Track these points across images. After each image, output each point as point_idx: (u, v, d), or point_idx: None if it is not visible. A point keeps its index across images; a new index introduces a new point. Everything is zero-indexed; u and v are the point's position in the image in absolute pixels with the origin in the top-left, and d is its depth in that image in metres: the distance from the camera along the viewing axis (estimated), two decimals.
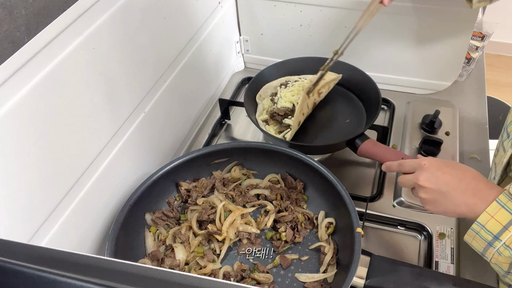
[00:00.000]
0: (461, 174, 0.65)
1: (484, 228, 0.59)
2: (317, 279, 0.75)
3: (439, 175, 0.65)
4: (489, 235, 0.59)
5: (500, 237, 0.58)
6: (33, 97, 0.57)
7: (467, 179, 0.64)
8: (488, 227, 0.59)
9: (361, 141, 0.88)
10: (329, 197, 0.83)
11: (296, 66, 1.10)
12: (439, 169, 0.66)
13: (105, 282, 0.28)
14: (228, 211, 0.82)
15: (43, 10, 0.57)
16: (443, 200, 0.65)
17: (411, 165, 0.70)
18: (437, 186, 0.65)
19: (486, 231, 0.59)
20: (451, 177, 0.65)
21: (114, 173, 0.78)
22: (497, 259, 0.60)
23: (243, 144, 0.92)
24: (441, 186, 0.65)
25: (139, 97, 0.82)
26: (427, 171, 0.66)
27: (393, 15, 1.04)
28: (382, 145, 0.86)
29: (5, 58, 0.52)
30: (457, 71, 1.12)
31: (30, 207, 0.60)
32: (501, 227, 0.58)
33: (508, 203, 0.58)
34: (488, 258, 0.61)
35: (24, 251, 0.32)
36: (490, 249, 0.60)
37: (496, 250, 0.59)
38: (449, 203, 0.64)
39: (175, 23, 0.90)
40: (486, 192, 0.62)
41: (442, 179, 0.65)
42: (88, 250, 0.75)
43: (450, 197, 0.64)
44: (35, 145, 0.59)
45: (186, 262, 0.78)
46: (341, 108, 1.06)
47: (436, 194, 0.65)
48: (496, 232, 0.58)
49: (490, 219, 0.59)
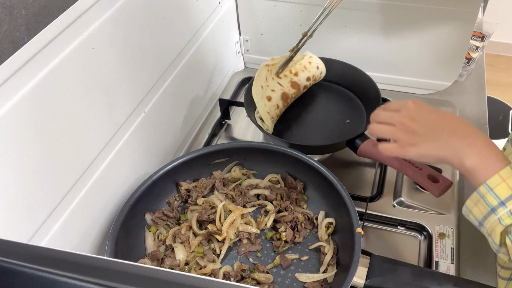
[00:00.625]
0: (449, 116, 0.62)
1: (492, 191, 0.56)
2: (317, 279, 0.75)
3: (424, 114, 0.62)
4: (495, 200, 0.55)
5: (506, 203, 0.55)
6: (33, 97, 0.57)
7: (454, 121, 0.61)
8: (496, 191, 0.55)
9: (361, 141, 0.88)
10: (329, 197, 0.83)
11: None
12: (426, 109, 0.63)
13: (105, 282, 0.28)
14: (228, 211, 0.82)
15: (43, 10, 0.57)
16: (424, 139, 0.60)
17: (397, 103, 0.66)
18: (421, 123, 0.61)
19: (494, 195, 0.56)
20: (438, 117, 0.61)
21: (114, 173, 0.78)
22: (494, 229, 0.56)
23: (243, 144, 0.92)
24: (426, 124, 0.61)
25: (139, 97, 0.82)
26: (412, 109, 0.63)
27: (393, 15, 1.04)
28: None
29: (5, 58, 0.52)
30: (457, 71, 1.12)
31: (30, 207, 0.61)
32: (510, 192, 0.55)
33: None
34: (486, 227, 0.58)
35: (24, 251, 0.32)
36: (491, 216, 0.56)
37: (498, 217, 0.55)
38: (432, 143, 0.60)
39: (175, 23, 0.90)
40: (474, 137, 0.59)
41: (428, 117, 0.61)
42: (88, 250, 0.75)
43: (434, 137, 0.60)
44: (35, 145, 0.59)
45: (186, 262, 0.78)
46: (341, 108, 1.05)
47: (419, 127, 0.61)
48: (504, 197, 0.55)
49: (501, 182, 0.55)
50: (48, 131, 0.61)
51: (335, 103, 1.07)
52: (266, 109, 0.94)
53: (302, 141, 0.98)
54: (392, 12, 1.04)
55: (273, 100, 0.96)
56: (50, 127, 0.61)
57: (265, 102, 0.95)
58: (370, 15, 1.06)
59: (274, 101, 0.96)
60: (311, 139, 0.99)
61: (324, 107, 1.07)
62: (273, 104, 0.96)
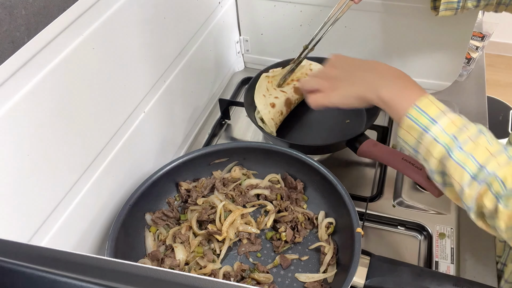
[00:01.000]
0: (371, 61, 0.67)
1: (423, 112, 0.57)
2: (317, 279, 0.75)
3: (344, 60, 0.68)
4: (426, 118, 0.57)
5: (438, 120, 0.56)
6: (33, 97, 0.57)
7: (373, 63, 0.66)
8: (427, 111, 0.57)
9: (361, 141, 0.88)
10: (329, 197, 0.83)
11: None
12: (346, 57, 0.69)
13: (105, 282, 0.28)
14: (228, 211, 0.82)
15: (43, 10, 0.57)
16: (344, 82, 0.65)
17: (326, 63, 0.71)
18: (341, 69, 0.66)
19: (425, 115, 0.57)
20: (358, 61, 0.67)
21: (114, 173, 0.78)
22: (429, 150, 0.57)
23: (243, 144, 0.92)
24: (346, 68, 0.66)
25: (139, 97, 0.82)
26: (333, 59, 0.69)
27: (393, 15, 1.04)
28: (382, 145, 0.86)
29: (5, 58, 0.52)
30: (457, 71, 1.12)
31: (30, 207, 0.61)
32: (439, 111, 0.57)
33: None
34: (421, 153, 0.59)
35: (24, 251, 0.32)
36: (425, 137, 0.57)
37: (431, 134, 0.56)
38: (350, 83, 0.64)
39: (175, 23, 0.90)
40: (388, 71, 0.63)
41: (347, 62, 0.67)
42: (88, 250, 0.75)
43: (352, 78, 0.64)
44: (35, 145, 0.59)
45: (186, 262, 0.78)
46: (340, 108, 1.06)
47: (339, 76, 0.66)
48: (434, 115, 0.57)
49: (430, 104, 0.58)
50: (48, 131, 0.61)
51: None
52: (270, 115, 0.96)
53: (302, 141, 0.98)
54: (392, 12, 1.04)
55: (277, 106, 0.97)
56: (50, 127, 0.61)
57: (269, 109, 0.96)
58: (370, 15, 1.06)
59: (278, 108, 0.97)
60: (311, 139, 0.99)
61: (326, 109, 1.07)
62: (277, 110, 0.97)
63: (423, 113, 0.57)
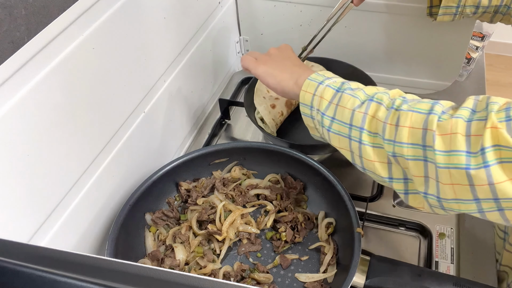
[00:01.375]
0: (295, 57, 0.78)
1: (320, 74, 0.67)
2: (317, 279, 0.75)
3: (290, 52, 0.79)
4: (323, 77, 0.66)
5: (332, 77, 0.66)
6: (33, 97, 0.57)
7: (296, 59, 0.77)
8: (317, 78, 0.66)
9: None
10: (329, 197, 0.83)
11: None
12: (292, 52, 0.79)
13: (105, 282, 0.28)
14: (228, 211, 0.82)
15: (43, 10, 0.57)
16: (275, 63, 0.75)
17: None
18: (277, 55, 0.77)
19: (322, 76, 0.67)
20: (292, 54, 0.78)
21: (114, 173, 0.78)
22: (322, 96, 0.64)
23: (243, 144, 0.92)
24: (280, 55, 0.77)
25: (139, 97, 0.82)
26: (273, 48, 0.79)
27: (393, 15, 1.04)
28: None
29: (5, 58, 0.52)
30: (457, 71, 1.12)
31: (30, 207, 0.60)
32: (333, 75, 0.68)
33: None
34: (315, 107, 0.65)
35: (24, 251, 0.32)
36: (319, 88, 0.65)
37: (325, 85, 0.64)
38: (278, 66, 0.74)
39: (175, 23, 0.90)
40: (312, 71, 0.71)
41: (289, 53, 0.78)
42: (88, 250, 0.75)
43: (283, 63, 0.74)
44: (35, 145, 0.59)
45: (186, 262, 0.78)
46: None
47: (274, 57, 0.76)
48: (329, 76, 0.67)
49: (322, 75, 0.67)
50: (48, 131, 0.61)
51: None
52: (271, 116, 0.96)
53: (302, 141, 0.98)
54: (392, 12, 1.04)
55: (278, 107, 0.98)
56: (50, 127, 0.61)
57: (270, 110, 0.97)
58: (370, 15, 1.06)
59: (278, 108, 0.98)
60: (311, 138, 0.99)
61: None
62: (277, 111, 0.98)
63: (320, 75, 0.67)
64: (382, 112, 0.57)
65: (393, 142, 0.55)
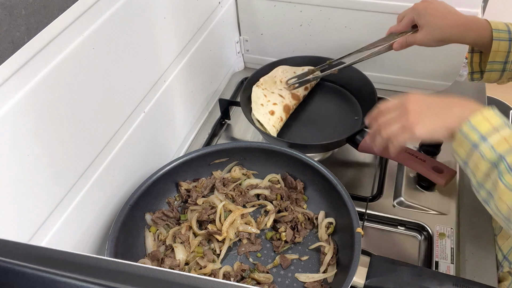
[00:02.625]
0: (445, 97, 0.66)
1: (475, 129, 0.58)
2: (317, 279, 0.75)
3: (425, 98, 0.66)
4: (477, 136, 0.58)
5: (488, 138, 0.57)
6: (33, 97, 0.57)
7: (453, 98, 0.65)
8: (479, 128, 0.58)
9: (361, 136, 0.88)
10: (329, 197, 0.83)
11: (292, 64, 1.10)
12: (424, 95, 0.67)
13: (105, 282, 0.28)
14: (228, 211, 0.82)
15: (43, 10, 0.57)
16: (430, 114, 0.64)
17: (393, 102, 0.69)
18: (424, 104, 0.65)
19: (475, 132, 0.58)
20: (437, 97, 0.66)
21: (114, 173, 0.78)
22: (477, 165, 0.58)
23: (243, 144, 0.92)
24: (428, 103, 0.65)
25: (139, 97, 0.82)
26: (413, 95, 0.67)
27: (394, 15, 1.04)
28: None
29: (5, 58, 0.52)
30: (457, 71, 1.12)
31: (30, 207, 0.61)
32: (491, 128, 0.57)
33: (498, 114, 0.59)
34: (470, 166, 0.60)
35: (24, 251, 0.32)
36: (474, 153, 0.58)
37: (479, 151, 0.57)
38: (436, 116, 0.64)
39: (175, 23, 0.90)
40: (472, 104, 0.62)
41: (429, 99, 0.66)
42: (88, 250, 0.75)
43: (437, 111, 0.64)
44: (35, 145, 0.59)
45: (186, 262, 0.78)
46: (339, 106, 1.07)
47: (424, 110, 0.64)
48: (485, 132, 0.57)
49: (483, 121, 0.58)
50: (48, 131, 0.61)
51: (332, 102, 1.09)
52: (271, 123, 0.97)
53: (301, 140, 0.98)
54: (392, 12, 1.04)
55: (277, 113, 0.99)
56: (50, 127, 0.61)
57: (269, 117, 0.98)
58: (370, 15, 1.06)
59: (277, 114, 0.99)
60: (311, 138, 0.99)
61: (322, 106, 1.08)
62: (277, 117, 0.99)
63: (474, 130, 0.58)
64: None
65: None
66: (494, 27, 0.78)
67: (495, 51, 0.79)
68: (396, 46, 0.87)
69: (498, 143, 0.56)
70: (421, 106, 0.65)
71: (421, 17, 0.82)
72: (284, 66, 1.09)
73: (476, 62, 0.87)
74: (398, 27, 0.87)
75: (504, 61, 0.80)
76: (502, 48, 0.78)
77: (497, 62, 0.80)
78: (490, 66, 0.82)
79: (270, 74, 1.08)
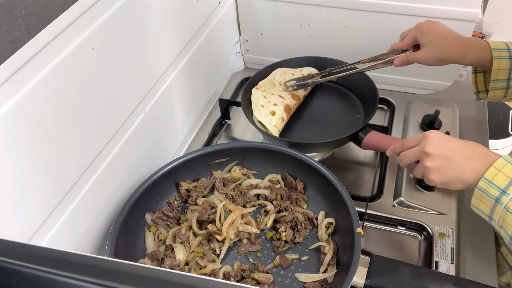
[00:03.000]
0: (464, 142, 0.66)
1: (491, 183, 0.59)
2: (317, 279, 0.75)
3: (445, 142, 0.66)
4: (496, 191, 0.58)
5: (507, 191, 0.57)
6: (33, 97, 0.57)
7: (471, 146, 0.65)
8: (495, 182, 0.59)
9: (364, 134, 0.88)
10: (329, 197, 0.83)
11: (294, 65, 1.10)
12: (444, 137, 0.67)
13: (105, 282, 0.28)
14: (228, 211, 0.82)
15: (43, 10, 0.57)
16: (449, 166, 0.65)
17: (416, 137, 0.71)
18: (443, 152, 0.65)
19: (494, 186, 0.59)
20: (456, 144, 0.66)
21: (114, 173, 0.78)
22: (504, 219, 0.59)
23: (243, 144, 0.92)
24: (447, 152, 0.65)
25: (139, 97, 0.82)
26: (433, 139, 0.67)
27: (393, 15, 1.04)
28: (386, 135, 0.87)
29: (5, 58, 0.52)
30: (457, 71, 1.12)
31: (30, 207, 0.60)
32: (508, 180, 0.58)
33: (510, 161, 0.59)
34: (496, 220, 0.60)
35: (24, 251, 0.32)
36: (497, 207, 0.59)
37: (504, 206, 0.58)
38: (454, 169, 0.64)
39: (175, 23, 0.90)
40: (491, 157, 0.62)
41: (448, 146, 0.66)
42: (88, 250, 0.75)
43: (455, 163, 0.64)
44: (35, 145, 0.59)
45: (186, 262, 0.78)
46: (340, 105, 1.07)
47: (442, 160, 0.65)
48: (504, 185, 0.58)
49: (497, 173, 0.59)
50: (48, 131, 0.61)
51: (333, 101, 1.09)
52: (273, 123, 0.97)
53: (304, 140, 0.98)
54: (392, 12, 1.04)
55: (277, 114, 0.99)
56: (50, 127, 0.61)
57: (271, 118, 0.97)
58: (370, 15, 1.06)
59: (278, 115, 0.99)
60: (313, 137, 0.99)
61: (323, 105, 1.08)
62: (278, 117, 0.98)
63: (492, 184, 0.59)
64: None
65: None
66: (494, 46, 0.81)
67: (496, 70, 0.80)
68: (397, 62, 0.89)
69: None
70: (440, 157, 0.66)
71: (424, 36, 0.84)
72: (283, 68, 1.09)
73: (481, 81, 0.88)
74: (400, 44, 0.89)
75: (507, 79, 0.81)
76: (503, 66, 0.80)
77: (499, 80, 0.82)
78: (493, 85, 0.83)
79: (269, 77, 1.08)
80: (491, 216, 0.61)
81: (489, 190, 0.59)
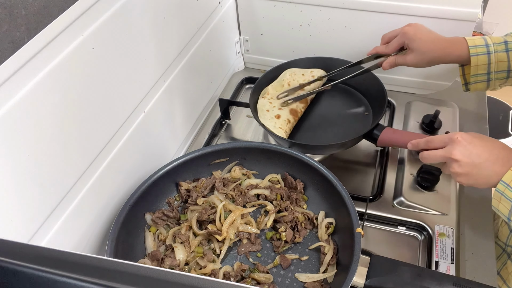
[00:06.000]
0: (490, 145, 0.69)
1: (509, 186, 0.62)
2: (317, 279, 0.75)
3: (471, 148, 0.68)
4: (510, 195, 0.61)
5: None
6: (33, 97, 0.57)
7: (496, 150, 0.68)
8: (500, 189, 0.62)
9: (379, 131, 0.89)
10: (329, 197, 0.83)
11: (304, 66, 1.10)
12: (471, 142, 0.69)
13: (105, 282, 0.28)
14: (228, 211, 0.82)
15: (43, 10, 0.57)
16: (476, 172, 0.68)
17: (441, 140, 0.72)
18: (471, 159, 0.68)
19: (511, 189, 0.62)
20: (482, 149, 0.68)
21: (114, 173, 0.78)
22: None
23: (243, 144, 0.92)
24: (474, 159, 0.68)
25: (139, 97, 0.82)
26: (460, 144, 0.69)
27: (393, 15, 1.04)
28: (401, 130, 0.88)
29: (5, 58, 0.52)
30: (457, 71, 1.12)
31: (30, 207, 0.60)
32: None
33: None
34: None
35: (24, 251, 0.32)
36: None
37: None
38: (481, 175, 0.68)
39: (175, 23, 0.90)
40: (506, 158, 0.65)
41: (475, 152, 0.68)
42: (88, 250, 0.75)
43: (482, 169, 0.67)
44: (35, 145, 0.59)
45: (186, 262, 0.78)
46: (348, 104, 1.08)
47: (470, 167, 0.68)
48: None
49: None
50: (48, 131, 0.61)
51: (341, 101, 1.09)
52: (278, 125, 0.97)
53: (302, 141, 0.98)
54: (392, 12, 1.04)
55: (283, 116, 0.99)
56: (50, 127, 0.61)
57: (276, 121, 0.98)
58: (370, 15, 1.06)
59: (284, 117, 0.99)
60: (311, 138, 0.99)
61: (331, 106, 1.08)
62: (284, 119, 0.99)
63: (509, 187, 0.63)
64: None
65: None
66: (471, 43, 0.85)
67: (475, 66, 0.86)
68: (386, 65, 0.93)
69: None
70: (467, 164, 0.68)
71: (412, 42, 0.88)
72: (292, 69, 1.09)
73: (468, 73, 0.92)
74: (387, 49, 0.93)
75: (487, 72, 0.86)
76: (481, 62, 0.85)
77: (480, 74, 0.87)
78: (474, 79, 0.89)
79: (279, 78, 1.08)
80: (509, 217, 0.63)
81: (507, 193, 0.62)
